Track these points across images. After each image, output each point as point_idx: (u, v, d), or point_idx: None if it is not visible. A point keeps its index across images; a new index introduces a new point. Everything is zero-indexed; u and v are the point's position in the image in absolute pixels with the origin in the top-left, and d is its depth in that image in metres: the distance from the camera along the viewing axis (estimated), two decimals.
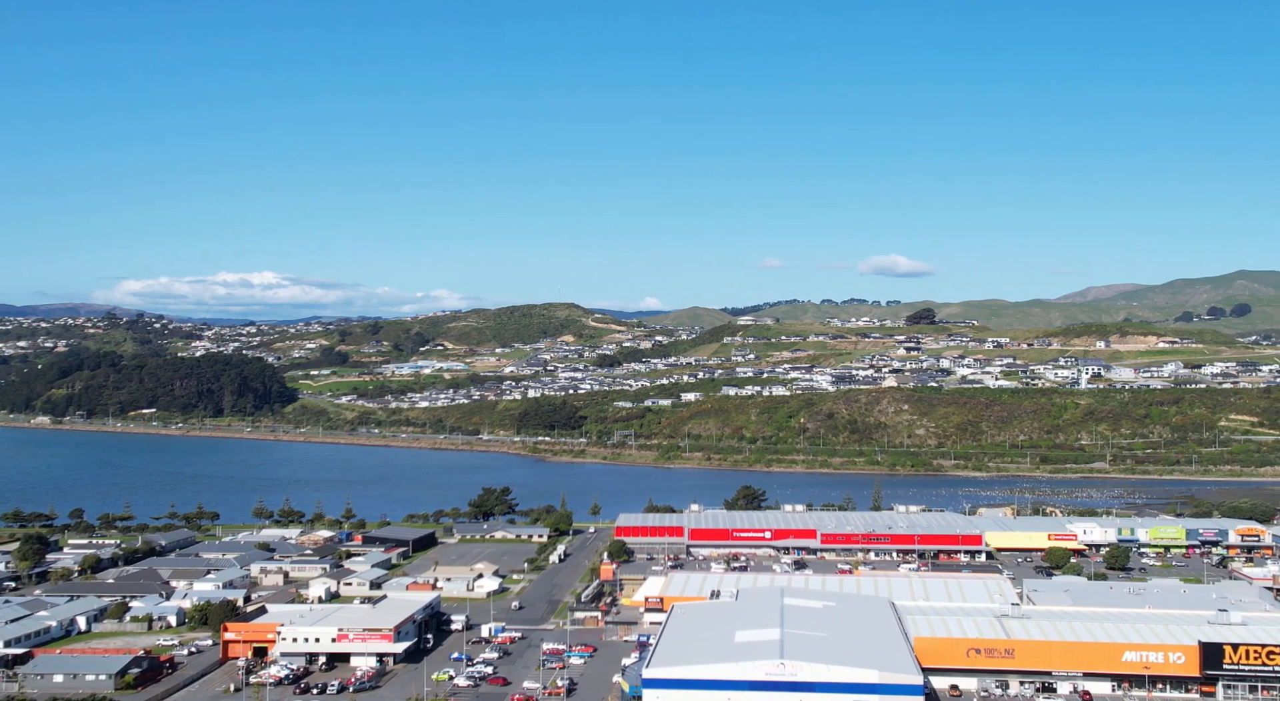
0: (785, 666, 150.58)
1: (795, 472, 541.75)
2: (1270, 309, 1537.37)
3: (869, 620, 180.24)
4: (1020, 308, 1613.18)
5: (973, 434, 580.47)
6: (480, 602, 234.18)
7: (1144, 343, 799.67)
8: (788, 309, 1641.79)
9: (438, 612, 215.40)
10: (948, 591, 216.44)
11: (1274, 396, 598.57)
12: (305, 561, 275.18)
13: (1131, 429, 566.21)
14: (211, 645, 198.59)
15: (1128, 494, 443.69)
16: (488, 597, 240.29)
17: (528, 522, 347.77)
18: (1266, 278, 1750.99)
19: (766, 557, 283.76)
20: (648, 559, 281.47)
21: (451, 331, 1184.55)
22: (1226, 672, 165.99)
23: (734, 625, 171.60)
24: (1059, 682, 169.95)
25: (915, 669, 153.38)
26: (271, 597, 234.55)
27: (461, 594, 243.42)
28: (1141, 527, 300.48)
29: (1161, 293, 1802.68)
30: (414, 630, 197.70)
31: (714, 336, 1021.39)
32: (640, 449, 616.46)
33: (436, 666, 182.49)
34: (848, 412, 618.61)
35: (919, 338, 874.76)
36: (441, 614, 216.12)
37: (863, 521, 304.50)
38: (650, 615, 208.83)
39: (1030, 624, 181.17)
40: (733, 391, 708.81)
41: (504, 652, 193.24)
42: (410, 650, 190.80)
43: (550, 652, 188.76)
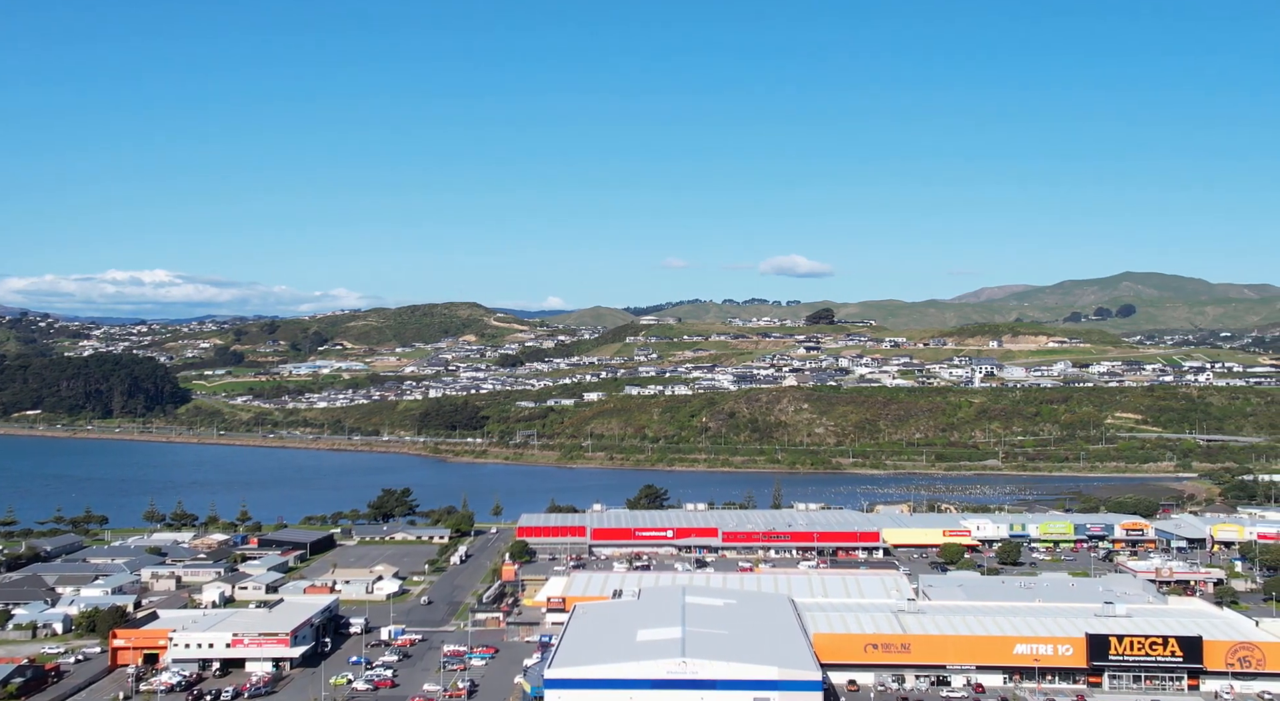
0: (687, 664, 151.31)
1: (697, 471, 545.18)
2: (1154, 310, 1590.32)
3: (769, 617, 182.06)
4: (916, 308, 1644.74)
5: (870, 432, 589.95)
6: (380, 605, 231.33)
7: (1035, 342, 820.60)
8: (690, 308, 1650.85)
9: (336, 615, 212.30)
10: (846, 588, 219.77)
11: (1157, 395, 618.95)
12: (198, 565, 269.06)
13: (1023, 427, 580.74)
14: (100, 652, 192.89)
15: (1019, 490, 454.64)
16: (388, 600, 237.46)
17: (429, 524, 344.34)
18: (1150, 279, 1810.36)
19: (669, 556, 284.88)
20: (550, 559, 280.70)
21: (351, 331, 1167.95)
22: (1112, 663, 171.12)
23: (636, 624, 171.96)
24: (953, 676, 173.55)
25: (814, 665, 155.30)
26: (163, 603, 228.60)
27: (361, 596, 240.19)
28: (1032, 523, 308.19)
29: (1051, 293, 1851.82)
30: (312, 634, 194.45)
31: (617, 336, 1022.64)
32: (543, 449, 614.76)
33: (335, 670, 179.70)
34: (749, 412, 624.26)
35: (818, 337, 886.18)
36: (340, 617, 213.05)
37: (763, 520, 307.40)
38: (552, 615, 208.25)
39: (926, 619, 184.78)
40: (635, 391, 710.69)
41: (404, 655, 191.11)
42: (308, 654, 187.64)
43: (451, 654, 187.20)
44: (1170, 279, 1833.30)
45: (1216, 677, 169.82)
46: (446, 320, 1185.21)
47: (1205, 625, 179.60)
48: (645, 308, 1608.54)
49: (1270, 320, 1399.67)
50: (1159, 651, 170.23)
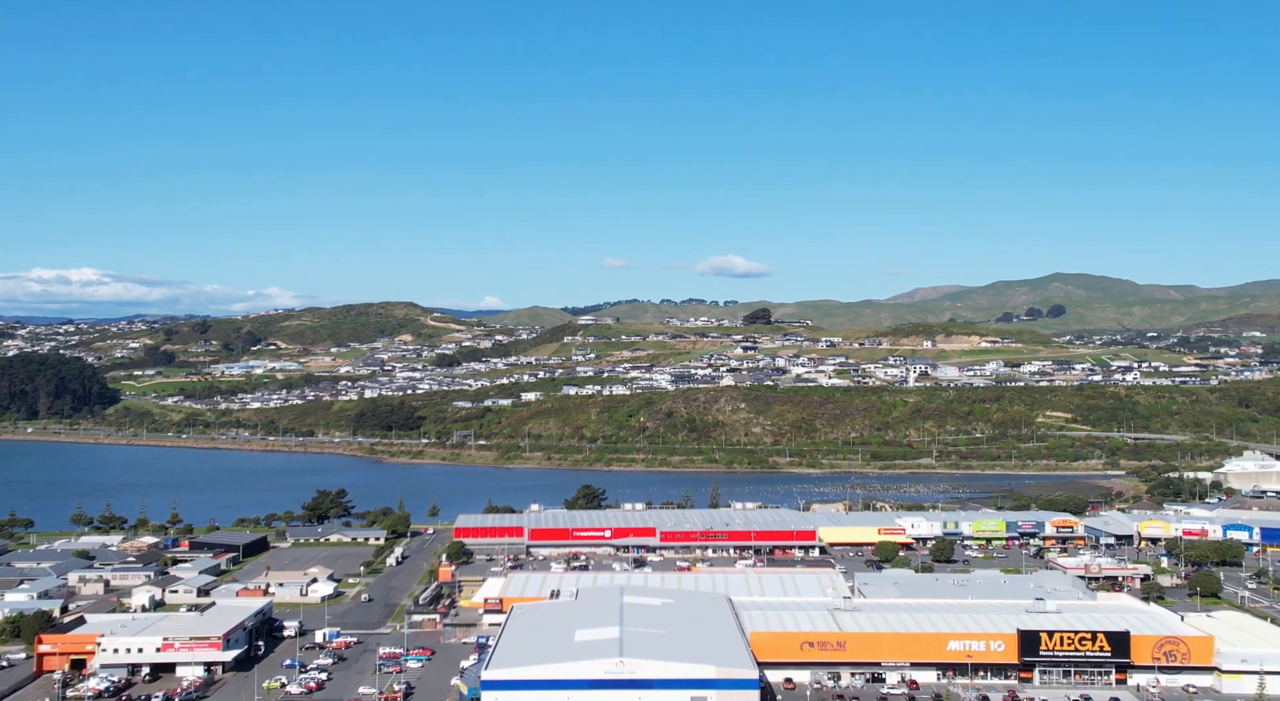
0: (624, 664, 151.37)
1: (635, 471, 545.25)
2: (1083, 310, 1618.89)
3: (706, 616, 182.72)
4: (852, 308, 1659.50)
5: (807, 431, 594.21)
6: (315, 607, 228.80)
7: (967, 342, 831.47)
8: (628, 308, 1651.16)
9: (270, 618, 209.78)
10: (782, 586, 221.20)
11: (1086, 394, 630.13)
12: (128, 569, 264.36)
13: (956, 425, 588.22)
14: (25, 658, 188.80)
15: (953, 488, 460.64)
16: (323, 602, 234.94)
17: (364, 525, 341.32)
18: (1079, 280, 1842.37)
19: (606, 556, 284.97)
20: (487, 560, 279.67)
21: (285, 330, 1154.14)
22: (1043, 658, 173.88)
23: (574, 624, 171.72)
24: (888, 672, 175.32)
25: (751, 663, 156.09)
26: (91, 607, 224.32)
27: (295, 599, 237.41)
28: (965, 521, 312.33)
29: (984, 294, 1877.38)
30: (244, 637, 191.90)
31: (555, 336, 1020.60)
32: (480, 449, 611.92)
33: (268, 674, 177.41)
34: (686, 411, 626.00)
35: (755, 337, 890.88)
36: (274, 620, 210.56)
37: (701, 519, 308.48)
38: (489, 616, 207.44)
39: (861, 616, 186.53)
40: (573, 391, 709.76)
41: (339, 658, 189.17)
42: (240, 658, 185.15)
43: (387, 656, 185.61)
44: (1099, 280, 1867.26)
45: (1143, 671, 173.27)
46: (382, 320, 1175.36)
47: (1133, 620, 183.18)
48: (583, 307, 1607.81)
49: (1194, 321, 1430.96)
50: (1088, 646, 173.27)
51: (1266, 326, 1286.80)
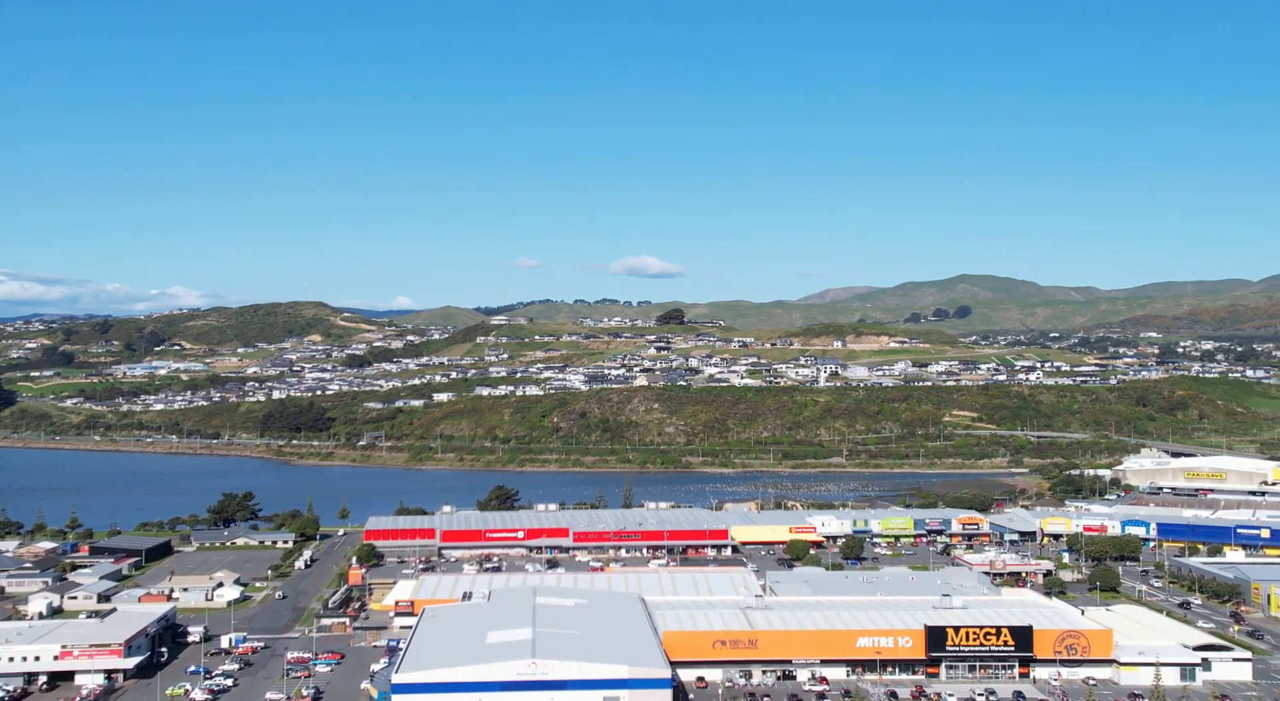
0: (537, 665, 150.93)
1: (548, 472, 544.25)
2: (988, 311, 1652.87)
3: (619, 616, 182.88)
4: (764, 308, 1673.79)
5: (719, 431, 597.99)
6: (221, 612, 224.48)
7: (877, 342, 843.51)
8: (541, 308, 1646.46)
9: (174, 624, 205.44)
10: (695, 586, 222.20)
11: (991, 393, 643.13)
12: (24, 575, 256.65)
13: (866, 425, 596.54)
14: None
15: (862, 487, 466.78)
16: (228, 607, 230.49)
17: (272, 528, 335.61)
18: (985, 282, 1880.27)
19: (520, 557, 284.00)
20: (398, 562, 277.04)
21: (190, 330, 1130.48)
22: (949, 653, 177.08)
23: (486, 626, 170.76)
24: (799, 670, 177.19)
25: (664, 663, 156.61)
26: None
27: (200, 604, 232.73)
28: (874, 519, 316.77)
29: (892, 295, 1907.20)
30: (147, 643, 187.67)
31: (467, 336, 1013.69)
32: (391, 450, 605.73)
33: (172, 680, 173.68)
34: (600, 411, 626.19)
35: (669, 337, 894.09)
36: (178, 625, 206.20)
37: (614, 519, 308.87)
38: (400, 619, 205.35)
39: (772, 614, 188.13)
40: (486, 391, 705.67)
41: (245, 663, 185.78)
42: (143, 665, 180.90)
43: (295, 661, 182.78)
44: (1004, 281, 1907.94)
45: (1045, 665, 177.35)
46: (291, 320, 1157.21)
47: (1035, 615, 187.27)
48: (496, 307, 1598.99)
49: (1094, 321, 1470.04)
50: (993, 641, 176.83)
51: (1163, 327, 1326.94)
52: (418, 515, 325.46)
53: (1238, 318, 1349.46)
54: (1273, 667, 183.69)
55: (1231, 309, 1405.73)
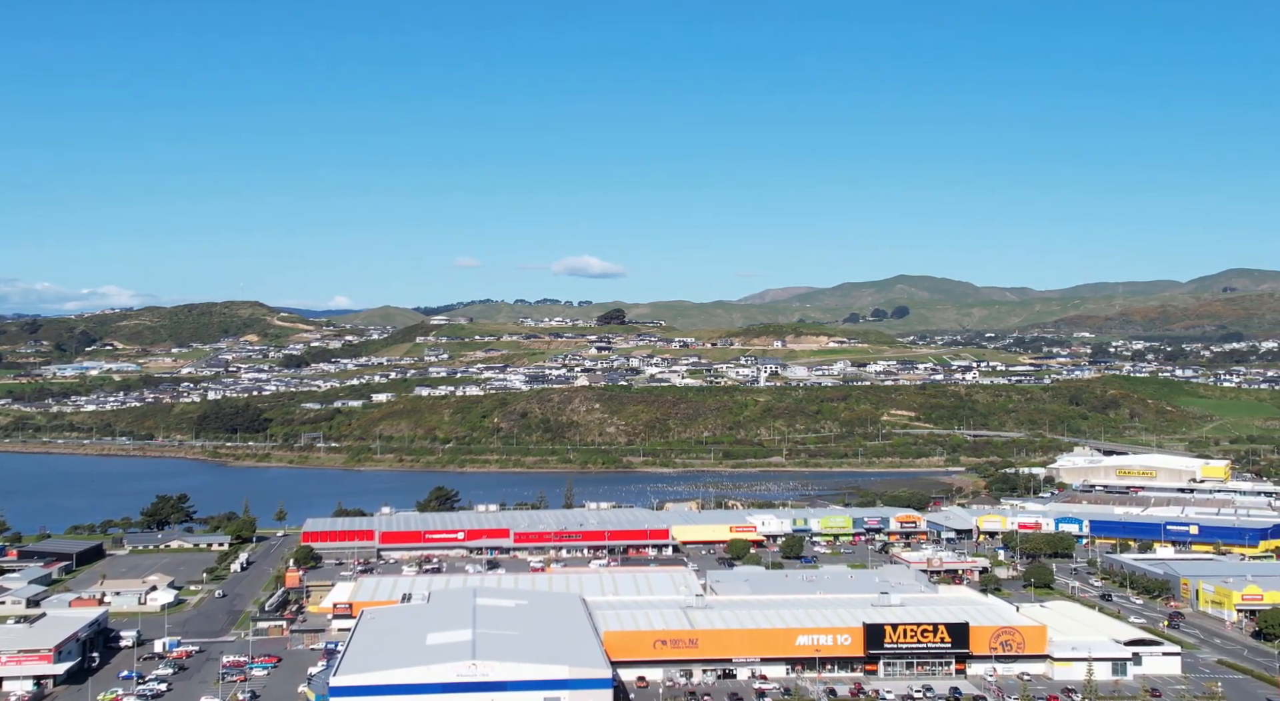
0: (477, 667, 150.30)
1: (489, 472, 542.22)
2: (926, 311, 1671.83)
3: (560, 617, 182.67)
4: (705, 309, 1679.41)
5: (660, 431, 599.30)
6: (154, 616, 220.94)
7: (816, 342, 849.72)
8: (482, 308, 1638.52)
9: (106, 629, 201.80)
10: (636, 585, 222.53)
11: (928, 393, 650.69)
12: None
13: (805, 424, 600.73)
14: None
15: (802, 486, 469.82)
16: (162, 610, 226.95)
17: (207, 531, 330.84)
18: (922, 282, 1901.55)
19: (460, 558, 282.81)
20: (337, 564, 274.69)
21: (122, 330, 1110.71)
22: (887, 651, 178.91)
23: (425, 628, 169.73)
24: (739, 668, 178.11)
25: (604, 663, 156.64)
26: None
27: (133, 608, 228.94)
28: (814, 518, 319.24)
29: (831, 295, 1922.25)
30: (78, 649, 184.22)
31: (406, 336, 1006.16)
32: (329, 451, 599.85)
33: (104, 686, 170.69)
34: (541, 412, 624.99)
35: (610, 337, 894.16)
36: (110, 630, 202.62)
37: (555, 519, 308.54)
38: (339, 622, 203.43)
39: (713, 614, 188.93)
40: (426, 391, 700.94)
41: (180, 667, 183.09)
42: (74, 670, 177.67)
43: (231, 665, 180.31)
44: (941, 282, 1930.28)
45: (982, 661, 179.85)
46: (226, 320, 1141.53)
47: (971, 612, 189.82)
48: (436, 307, 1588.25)
49: (1029, 321, 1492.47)
50: (930, 638, 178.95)
51: (1095, 327, 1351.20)
52: (356, 516, 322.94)
53: (1167, 318, 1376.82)
54: (1201, 661, 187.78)
55: (1161, 309, 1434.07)
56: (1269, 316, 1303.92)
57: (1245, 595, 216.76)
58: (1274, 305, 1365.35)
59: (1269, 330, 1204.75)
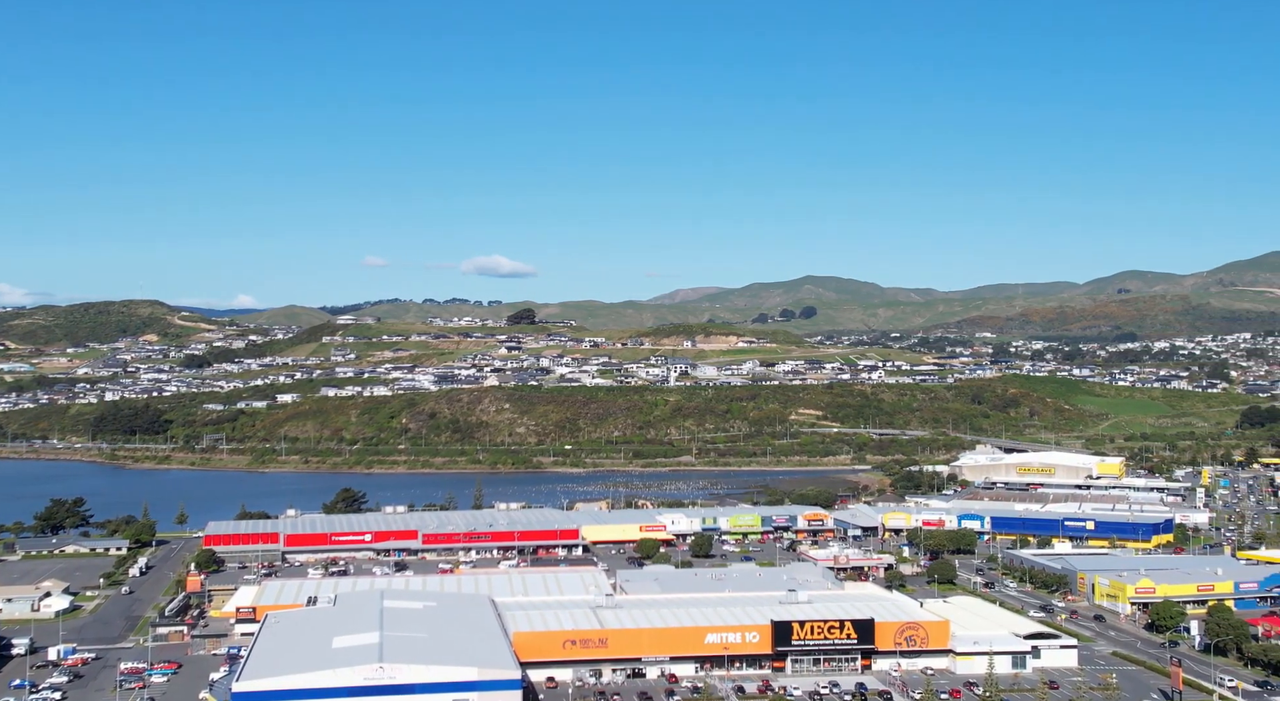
0: (384, 669, 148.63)
1: (397, 473, 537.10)
2: (833, 311, 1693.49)
3: (469, 618, 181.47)
4: (615, 309, 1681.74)
5: (571, 431, 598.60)
6: (48, 623, 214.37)
7: (726, 342, 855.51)
8: (389, 308, 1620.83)
9: None
10: (545, 586, 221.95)
11: (835, 392, 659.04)
12: None
13: (715, 423, 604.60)
14: None
15: (711, 485, 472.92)
16: (57, 617, 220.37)
17: (104, 535, 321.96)
18: (829, 283, 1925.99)
19: (367, 561, 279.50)
20: (240, 568, 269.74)
21: (14, 330, 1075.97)
22: (795, 648, 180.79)
23: (332, 631, 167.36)
24: (648, 668, 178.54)
25: (514, 664, 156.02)
26: None
27: (26, 614, 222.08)
28: (723, 516, 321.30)
29: (741, 296, 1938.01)
30: None
31: (312, 336, 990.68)
32: (232, 453, 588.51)
33: None
34: (450, 412, 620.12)
35: (520, 337, 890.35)
36: (1, 638, 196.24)
37: (464, 520, 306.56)
38: (242, 626, 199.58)
39: (623, 613, 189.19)
40: (332, 392, 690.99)
41: (75, 675, 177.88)
42: None
43: (129, 672, 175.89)
44: (847, 283, 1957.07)
45: (887, 656, 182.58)
46: (125, 319, 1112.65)
47: (877, 608, 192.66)
48: (343, 307, 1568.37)
49: (932, 322, 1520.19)
50: (836, 634, 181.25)
51: (995, 328, 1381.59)
52: (260, 519, 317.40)
53: (1065, 319, 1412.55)
54: (1097, 653, 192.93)
55: (1059, 310, 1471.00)
56: (1161, 317, 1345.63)
57: (1138, 588, 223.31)
58: (1165, 306, 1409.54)
59: (1161, 331, 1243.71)
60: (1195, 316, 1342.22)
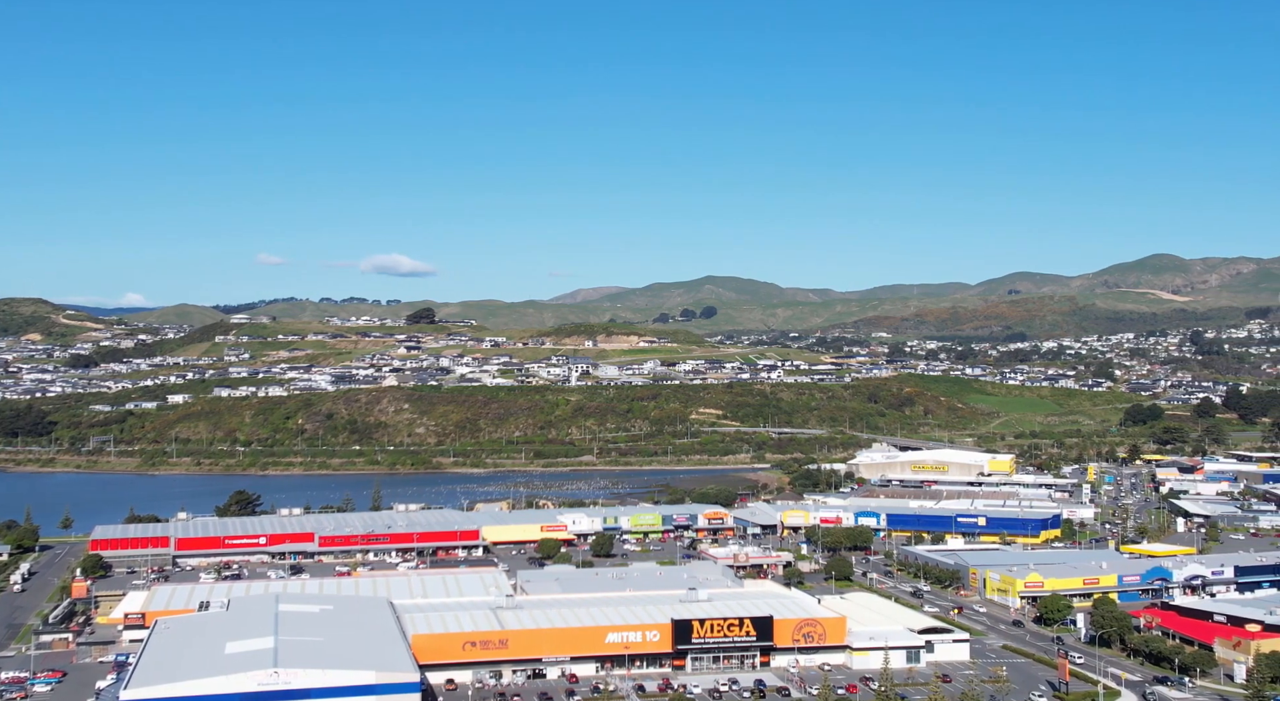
0: (279, 674, 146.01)
1: (293, 475, 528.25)
2: (733, 311, 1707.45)
3: (367, 621, 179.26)
4: (516, 308, 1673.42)
5: (471, 431, 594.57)
6: None
7: (627, 342, 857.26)
8: (285, 307, 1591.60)
9: None
10: (446, 587, 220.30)
11: (735, 391, 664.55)
12: None
13: (616, 423, 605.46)
14: None
15: (613, 484, 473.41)
16: None
17: None
18: (729, 283, 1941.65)
19: (262, 564, 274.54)
20: (129, 573, 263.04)
21: None
22: (694, 646, 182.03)
23: (225, 636, 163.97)
24: (549, 668, 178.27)
25: (412, 667, 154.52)
26: None
27: None
28: (624, 516, 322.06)
29: (642, 295, 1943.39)
30: None
31: (205, 335, 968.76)
32: (121, 455, 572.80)
33: None
34: (348, 413, 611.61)
35: (419, 337, 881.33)
36: None
37: (362, 522, 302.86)
38: (131, 632, 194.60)
39: (523, 614, 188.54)
40: (225, 392, 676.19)
41: None
42: None
43: (11, 681, 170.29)
44: (747, 283, 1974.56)
45: (785, 653, 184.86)
46: (6, 317, 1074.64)
47: (776, 605, 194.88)
48: (237, 306, 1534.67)
49: (830, 322, 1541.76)
50: (735, 632, 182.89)
51: (891, 328, 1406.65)
52: (151, 522, 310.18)
53: (958, 319, 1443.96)
54: (988, 647, 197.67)
55: (952, 311, 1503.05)
56: (1049, 318, 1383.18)
57: (1028, 582, 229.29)
58: (1054, 307, 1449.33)
59: (1049, 331, 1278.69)
60: (1082, 317, 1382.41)
